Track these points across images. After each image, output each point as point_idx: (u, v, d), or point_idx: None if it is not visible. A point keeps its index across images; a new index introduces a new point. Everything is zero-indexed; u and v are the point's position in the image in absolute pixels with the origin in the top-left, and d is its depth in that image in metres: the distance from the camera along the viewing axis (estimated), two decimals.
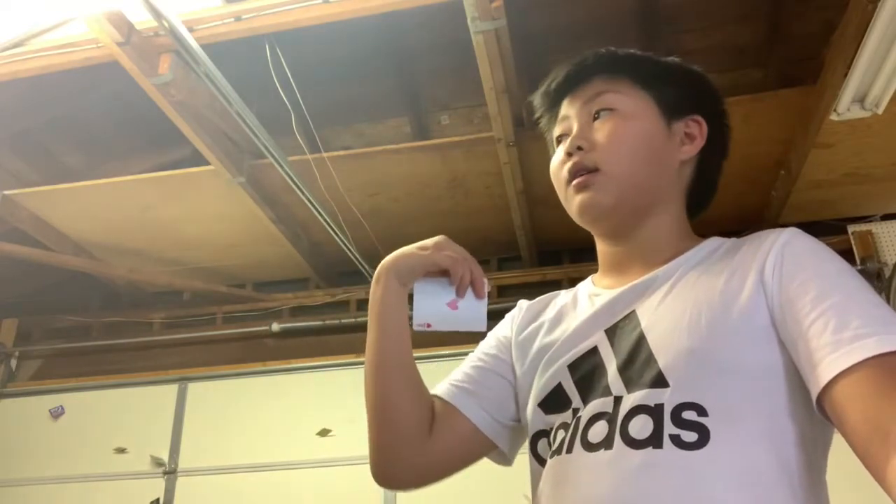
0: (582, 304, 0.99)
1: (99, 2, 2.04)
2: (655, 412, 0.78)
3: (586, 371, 0.89)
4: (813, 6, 2.69)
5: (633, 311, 0.89)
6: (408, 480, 1.03)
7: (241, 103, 2.21)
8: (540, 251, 3.52)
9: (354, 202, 3.04)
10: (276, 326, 3.55)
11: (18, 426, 3.49)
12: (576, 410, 0.87)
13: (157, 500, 3.20)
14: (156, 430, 3.34)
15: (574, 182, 0.95)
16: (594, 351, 0.89)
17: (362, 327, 3.93)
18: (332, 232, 2.79)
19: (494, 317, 1.21)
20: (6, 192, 3.00)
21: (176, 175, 3.00)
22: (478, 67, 2.35)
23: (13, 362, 3.71)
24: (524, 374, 0.99)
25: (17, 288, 3.63)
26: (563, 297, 1.05)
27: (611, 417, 0.82)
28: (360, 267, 3.04)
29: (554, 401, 0.92)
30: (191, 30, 2.12)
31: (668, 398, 0.78)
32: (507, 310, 1.14)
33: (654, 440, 0.77)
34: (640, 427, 0.78)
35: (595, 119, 0.96)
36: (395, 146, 2.95)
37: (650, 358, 0.82)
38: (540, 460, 0.92)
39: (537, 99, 1.06)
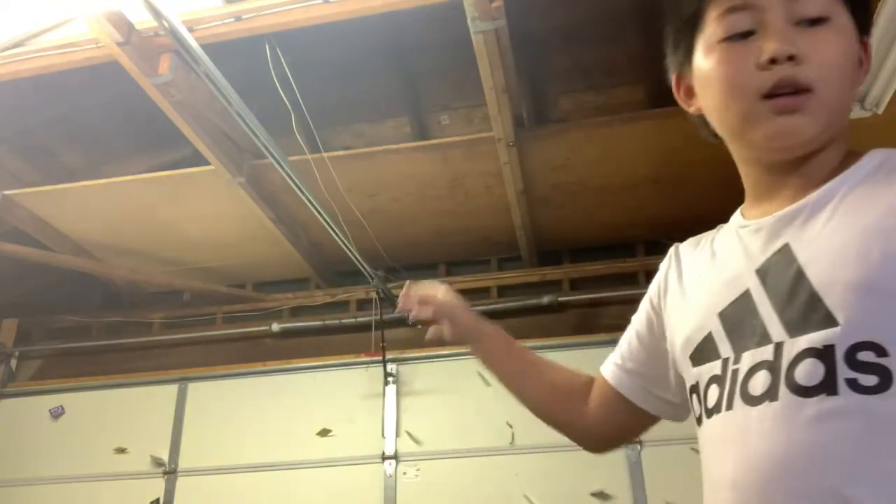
0: (729, 240, 0.89)
1: (99, 2, 2.04)
2: (826, 355, 0.70)
3: (738, 318, 0.80)
4: None
5: (787, 245, 0.78)
6: (602, 448, 1.12)
7: (241, 103, 2.21)
8: (540, 251, 3.51)
9: (354, 202, 3.04)
10: (276, 326, 3.55)
11: (18, 426, 3.49)
12: (726, 361, 0.80)
13: (157, 500, 3.20)
14: (156, 430, 3.34)
15: (779, 101, 0.77)
16: (746, 295, 0.80)
17: (362, 327, 3.94)
18: (332, 232, 2.79)
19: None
20: (6, 192, 3.00)
21: (176, 175, 3.00)
22: (478, 67, 2.35)
23: (13, 362, 3.71)
24: (674, 328, 0.93)
25: (17, 288, 3.63)
26: (712, 234, 0.96)
27: (772, 365, 0.74)
28: (360, 267, 3.04)
29: (703, 353, 0.84)
30: (191, 30, 2.12)
31: (839, 338, 0.69)
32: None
33: (827, 386, 0.69)
34: (809, 373, 0.70)
35: (797, 24, 0.79)
36: (395, 146, 2.95)
37: (813, 296, 0.72)
38: (696, 417, 0.86)
39: None
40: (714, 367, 0.81)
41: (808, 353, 0.71)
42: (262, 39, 2.45)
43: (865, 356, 0.68)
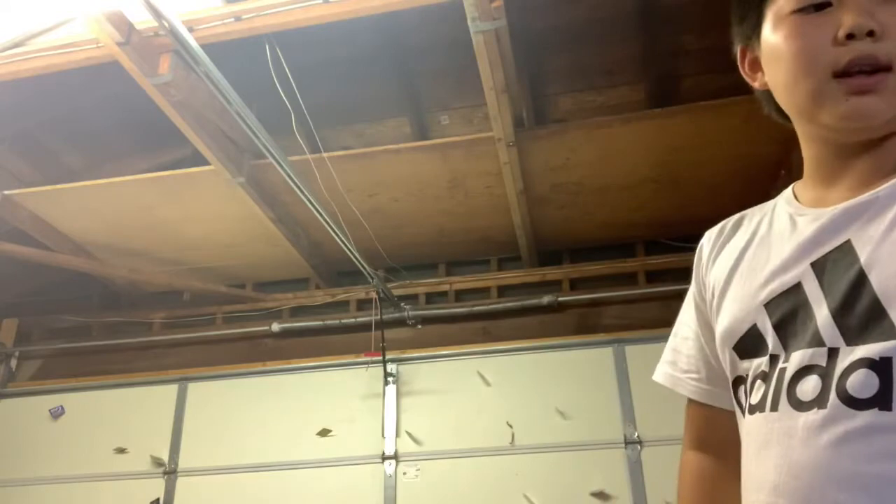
0: (781, 225, 0.82)
1: (99, 2, 2.04)
2: (881, 367, 0.65)
3: (787, 312, 0.75)
4: None
5: (848, 242, 0.72)
6: None
7: (241, 103, 2.21)
8: (540, 251, 3.51)
9: (354, 202, 3.04)
10: (276, 326, 3.56)
11: (18, 426, 3.49)
12: (774, 358, 0.76)
13: (157, 500, 3.20)
14: (156, 430, 3.34)
15: (853, 81, 0.72)
16: (797, 288, 0.75)
17: (362, 327, 3.95)
18: (332, 232, 2.79)
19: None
20: (6, 192, 3.00)
21: (176, 175, 3.01)
22: (478, 67, 2.35)
23: (13, 362, 3.71)
24: (713, 316, 0.87)
25: (17, 288, 3.63)
26: (757, 215, 0.89)
27: (824, 372, 0.69)
28: (360, 267, 3.04)
29: (748, 345, 0.79)
30: (191, 30, 2.12)
31: None
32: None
33: (881, 400, 0.64)
34: (862, 384, 0.66)
35: None
36: (395, 146, 2.95)
37: (876, 303, 0.67)
38: (740, 407, 0.82)
39: None
40: (762, 363, 0.77)
41: (863, 363, 0.67)
42: (262, 39, 2.45)
43: None
